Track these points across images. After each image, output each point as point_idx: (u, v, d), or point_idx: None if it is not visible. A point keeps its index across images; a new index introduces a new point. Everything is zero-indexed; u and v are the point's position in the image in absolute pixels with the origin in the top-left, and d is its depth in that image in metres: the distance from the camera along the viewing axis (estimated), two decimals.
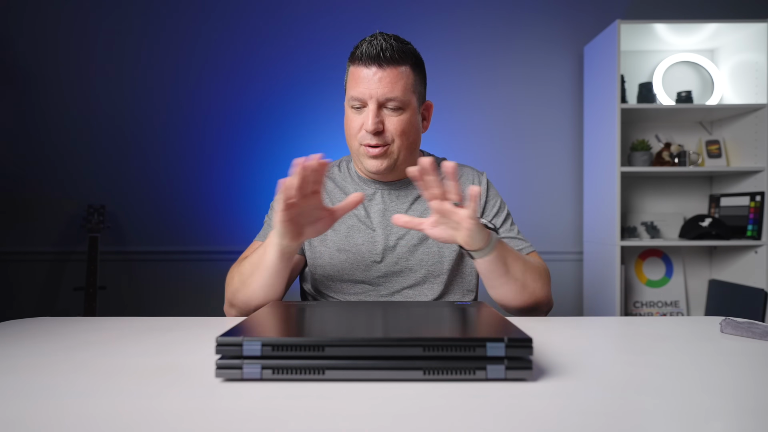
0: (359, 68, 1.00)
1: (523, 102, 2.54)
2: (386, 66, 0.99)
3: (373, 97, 0.99)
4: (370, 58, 0.98)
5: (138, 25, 2.48)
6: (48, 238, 2.46)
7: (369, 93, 0.99)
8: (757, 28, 2.27)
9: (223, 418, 0.45)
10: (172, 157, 2.48)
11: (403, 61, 1.01)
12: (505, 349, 0.54)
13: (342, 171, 1.14)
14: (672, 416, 0.46)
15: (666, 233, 2.51)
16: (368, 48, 0.99)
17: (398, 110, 1.01)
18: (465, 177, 1.13)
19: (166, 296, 2.48)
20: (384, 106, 1.00)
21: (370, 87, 0.99)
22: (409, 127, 1.03)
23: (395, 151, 1.02)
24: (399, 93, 1.00)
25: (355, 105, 1.02)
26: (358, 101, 1.01)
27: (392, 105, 1.00)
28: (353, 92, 1.01)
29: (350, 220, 1.07)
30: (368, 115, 0.99)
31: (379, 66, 0.98)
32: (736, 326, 0.79)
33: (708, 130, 2.55)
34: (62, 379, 0.56)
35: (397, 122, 1.01)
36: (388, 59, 0.99)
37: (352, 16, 2.50)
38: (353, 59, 1.02)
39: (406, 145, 1.03)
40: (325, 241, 1.07)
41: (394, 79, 0.99)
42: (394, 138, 1.01)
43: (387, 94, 0.99)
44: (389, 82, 0.99)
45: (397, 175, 1.09)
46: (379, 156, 1.01)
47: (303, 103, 2.49)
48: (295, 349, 0.54)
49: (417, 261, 1.06)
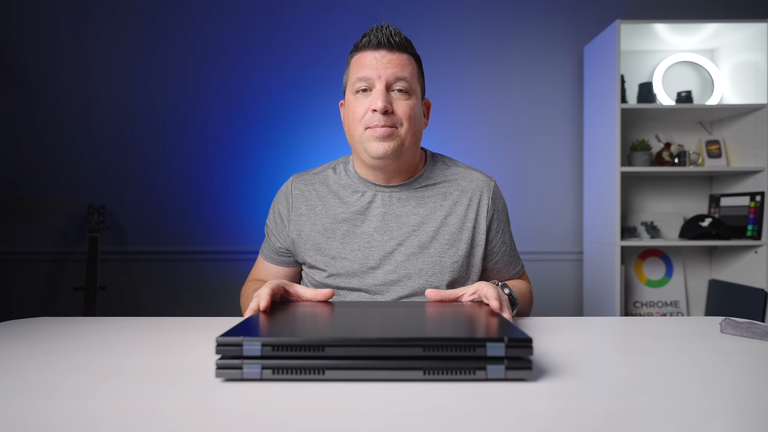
0: (366, 53, 0.99)
1: (523, 102, 2.54)
2: (396, 50, 0.99)
3: (381, 77, 0.97)
4: (379, 42, 0.98)
5: (138, 26, 2.48)
6: (48, 238, 2.46)
7: (377, 73, 0.97)
8: (757, 28, 2.27)
9: (223, 418, 0.45)
10: (172, 157, 2.48)
11: (410, 49, 1.02)
12: (505, 349, 0.54)
13: (338, 173, 1.09)
14: (672, 416, 0.46)
15: (666, 233, 2.51)
16: (377, 33, 0.99)
17: (405, 94, 1.00)
18: (474, 183, 1.08)
19: (166, 296, 2.48)
20: (391, 88, 0.99)
21: (378, 67, 0.97)
22: (416, 114, 1.01)
23: (402, 134, 0.99)
24: (407, 74, 0.99)
25: (361, 87, 0.99)
26: (365, 82, 0.98)
27: (400, 86, 0.99)
28: (360, 74, 0.99)
29: (345, 225, 1.04)
30: (377, 95, 0.97)
31: (388, 50, 0.99)
32: (736, 326, 0.79)
33: (708, 130, 2.55)
34: (62, 379, 0.56)
35: (405, 106, 0.99)
36: (397, 44, 0.99)
37: (351, 16, 2.50)
38: (358, 48, 1.01)
39: (412, 132, 1.01)
40: (321, 249, 1.05)
41: (403, 63, 0.99)
42: (402, 121, 0.99)
43: (397, 74, 0.98)
44: (398, 64, 0.99)
45: (397, 170, 1.04)
46: (387, 137, 0.98)
47: (303, 103, 2.49)
48: (295, 349, 0.54)
49: (416, 269, 1.02)
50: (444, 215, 1.05)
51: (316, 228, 1.05)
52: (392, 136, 0.98)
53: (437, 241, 1.03)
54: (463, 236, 1.04)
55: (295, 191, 1.09)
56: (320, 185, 1.09)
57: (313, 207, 1.07)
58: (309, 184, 1.09)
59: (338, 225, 1.04)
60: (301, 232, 1.06)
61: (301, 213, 1.07)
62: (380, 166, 1.01)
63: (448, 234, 1.04)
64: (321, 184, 1.09)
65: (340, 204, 1.06)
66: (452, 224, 1.04)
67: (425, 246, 1.03)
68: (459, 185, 1.07)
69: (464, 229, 1.05)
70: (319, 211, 1.06)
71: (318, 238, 1.05)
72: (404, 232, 1.03)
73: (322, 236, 1.04)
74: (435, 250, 1.03)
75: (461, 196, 1.06)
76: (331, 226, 1.04)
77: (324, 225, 1.05)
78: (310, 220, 1.06)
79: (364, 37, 1.01)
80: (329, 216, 1.05)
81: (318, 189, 1.08)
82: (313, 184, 1.09)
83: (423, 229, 1.04)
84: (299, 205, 1.07)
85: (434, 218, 1.04)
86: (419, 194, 1.06)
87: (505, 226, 1.11)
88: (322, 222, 1.05)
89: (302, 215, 1.07)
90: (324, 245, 1.04)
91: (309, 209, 1.07)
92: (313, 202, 1.07)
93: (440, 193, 1.06)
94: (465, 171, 1.10)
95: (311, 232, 1.05)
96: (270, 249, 1.13)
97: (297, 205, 1.08)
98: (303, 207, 1.07)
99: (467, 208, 1.06)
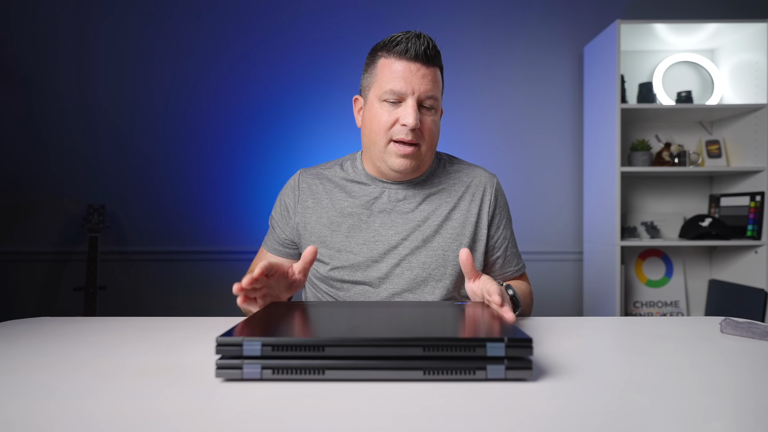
0: (401, 62, 0.98)
1: (523, 102, 2.54)
2: (429, 65, 0.99)
3: (415, 93, 0.97)
4: (416, 54, 0.97)
5: (138, 25, 2.48)
6: (48, 238, 2.47)
7: (412, 88, 0.97)
8: (757, 28, 2.27)
9: (223, 418, 0.45)
10: (172, 157, 2.48)
11: (439, 62, 1.02)
12: (505, 349, 0.54)
13: (345, 169, 1.11)
14: (672, 416, 0.46)
15: (666, 233, 2.51)
16: (415, 43, 0.97)
17: (431, 110, 1.00)
18: (477, 179, 1.11)
19: (166, 296, 2.48)
20: (422, 104, 0.99)
21: (413, 82, 0.97)
22: (437, 129, 1.03)
23: (423, 152, 1.01)
24: (437, 92, 1.00)
25: (391, 99, 0.98)
26: (396, 95, 0.98)
27: (429, 104, 0.99)
28: (392, 85, 0.97)
29: (351, 219, 1.06)
30: (408, 110, 0.96)
31: (424, 63, 0.98)
32: (736, 326, 0.79)
33: (708, 130, 2.55)
34: (62, 379, 0.56)
35: (430, 122, 1.00)
36: (432, 58, 0.99)
37: (352, 16, 2.50)
38: (392, 52, 0.99)
39: (431, 147, 1.03)
40: (326, 242, 1.06)
41: (435, 79, 1.00)
42: (426, 137, 1.00)
43: (429, 92, 0.98)
44: (431, 80, 0.99)
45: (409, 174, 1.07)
46: (410, 155, 1.00)
47: (303, 103, 2.49)
48: (295, 349, 0.54)
49: (419, 263, 1.04)
50: (448, 210, 1.07)
51: (322, 221, 1.07)
52: (415, 155, 1.00)
53: (441, 236, 1.05)
54: (467, 231, 1.07)
55: (302, 184, 1.10)
56: (327, 180, 1.10)
57: (319, 200, 1.08)
58: (316, 178, 1.11)
59: (344, 219, 1.06)
60: (307, 225, 1.08)
61: (307, 206, 1.08)
62: (397, 177, 1.05)
63: (451, 229, 1.06)
64: (328, 178, 1.11)
65: (346, 198, 1.07)
66: (456, 219, 1.07)
67: (429, 240, 1.05)
68: (463, 181, 1.10)
69: (467, 224, 1.07)
70: (325, 205, 1.08)
71: (323, 231, 1.06)
72: (409, 227, 1.05)
73: (328, 229, 1.06)
74: (439, 244, 1.05)
75: (465, 192, 1.09)
76: (337, 220, 1.06)
77: (330, 218, 1.06)
78: (316, 213, 1.07)
79: (398, 43, 0.98)
80: (335, 210, 1.07)
81: (325, 183, 1.10)
82: (320, 178, 1.11)
83: (427, 224, 1.06)
84: (306, 198, 1.09)
85: (438, 213, 1.06)
86: (425, 191, 1.08)
87: (506, 222, 1.13)
88: (328, 215, 1.07)
89: (308, 208, 1.08)
90: (329, 238, 1.06)
91: (315, 202, 1.08)
92: (319, 196, 1.09)
93: (444, 190, 1.09)
94: (468, 168, 1.13)
95: (317, 225, 1.07)
96: (275, 240, 1.13)
97: (304, 197, 1.09)
98: (309, 200, 1.09)
99: (470, 204, 1.08)
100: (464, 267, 0.82)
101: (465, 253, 0.81)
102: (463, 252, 0.81)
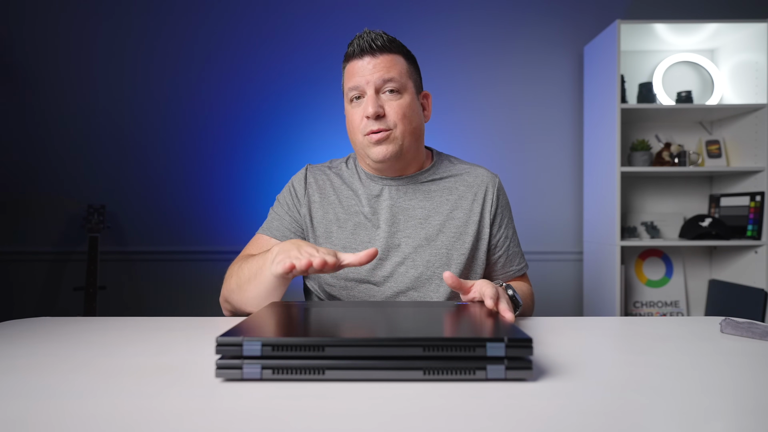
0: (353, 62, 1.03)
1: (523, 102, 2.54)
2: (379, 54, 1.02)
3: (369, 83, 1.01)
4: (362, 49, 1.01)
5: (138, 26, 2.48)
6: (48, 238, 2.46)
7: (365, 79, 1.01)
8: (757, 28, 2.27)
9: (223, 418, 0.45)
10: (172, 157, 2.48)
11: (395, 49, 1.04)
12: (505, 349, 0.54)
13: (350, 168, 1.13)
14: (672, 416, 0.46)
15: (666, 233, 2.51)
16: (359, 41, 1.02)
17: (396, 93, 1.02)
18: (479, 179, 1.11)
19: (166, 296, 2.48)
20: (381, 91, 1.02)
21: (365, 74, 1.01)
22: (410, 111, 1.03)
23: (399, 136, 1.02)
24: (395, 74, 1.02)
25: (354, 95, 1.03)
26: (356, 90, 1.02)
27: (390, 87, 1.01)
28: (350, 83, 1.03)
29: (357, 218, 1.07)
30: (367, 101, 1.00)
31: (372, 55, 1.01)
32: (736, 326, 0.79)
33: (708, 130, 2.55)
34: (62, 379, 0.56)
35: (396, 106, 1.02)
36: (380, 47, 1.02)
37: (351, 17, 2.50)
38: (346, 58, 1.05)
39: (409, 130, 1.03)
40: (331, 238, 1.06)
41: (389, 64, 1.02)
42: (396, 122, 1.01)
43: (383, 76, 1.01)
44: (384, 67, 1.01)
45: (403, 167, 1.07)
46: (383, 141, 1.01)
47: (303, 103, 2.49)
48: (295, 349, 0.54)
49: (423, 261, 1.04)
50: (450, 209, 1.08)
51: (328, 216, 1.08)
52: (389, 139, 1.02)
53: (444, 234, 1.06)
54: (469, 229, 1.07)
55: (310, 178, 1.12)
56: (335, 176, 1.12)
57: (326, 196, 1.09)
58: (323, 174, 1.12)
59: (350, 216, 1.07)
60: (313, 219, 1.08)
61: (314, 200, 1.09)
62: (384, 168, 1.06)
63: (454, 227, 1.07)
64: (335, 175, 1.12)
65: (353, 196, 1.09)
66: (458, 218, 1.07)
67: (432, 238, 1.05)
68: (464, 180, 1.11)
69: (470, 223, 1.07)
70: (332, 201, 1.09)
71: (330, 226, 1.07)
72: (411, 224, 1.06)
73: (335, 225, 1.07)
74: (442, 242, 1.06)
75: (467, 191, 1.10)
76: (343, 217, 1.07)
77: (336, 215, 1.07)
78: (323, 207, 1.08)
79: (349, 47, 1.04)
80: (342, 206, 1.08)
81: (332, 180, 1.11)
82: (327, 174, 1.12)
83: (429, 222, 1.06)
84: (313, 192, 1.10)
85: (440, 212, 1.07)
86: (425, 188, 1.09)
87: (508, 221, 1.14)
88: (334, 211, 1.08)
89: (315, 202, 1.09)
90: (335, 234, 1.06)
91: (322, 197, 1.09)
92: (326, 192, 1.10)
93: (446, 188, 1.10)
94: (470, 167, 1.14)
95: (323, 219, 1.08)
96: (282, 226, 1.08)
97: (311, 191, 1.10)
98: (316, 194, 1.09)
99: (472, 203, 1.09)
100: (453, 288, 0.82)
101: (448, 275, 0.80)
102: (446, 275, 0.80)
